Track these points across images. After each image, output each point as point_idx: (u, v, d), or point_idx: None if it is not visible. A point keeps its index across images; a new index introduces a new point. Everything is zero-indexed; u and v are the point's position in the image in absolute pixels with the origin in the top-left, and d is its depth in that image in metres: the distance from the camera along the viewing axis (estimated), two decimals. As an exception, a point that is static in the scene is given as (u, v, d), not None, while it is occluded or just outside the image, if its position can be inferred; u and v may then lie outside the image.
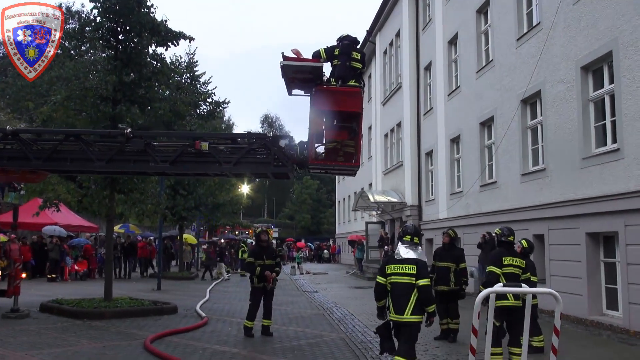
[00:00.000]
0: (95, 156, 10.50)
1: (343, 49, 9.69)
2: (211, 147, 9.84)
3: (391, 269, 7.25)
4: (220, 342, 10.78)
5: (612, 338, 11.06)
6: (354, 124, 9.72)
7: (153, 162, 10.19)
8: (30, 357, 8.95)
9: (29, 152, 10.52)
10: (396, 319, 7.07)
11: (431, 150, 24.89)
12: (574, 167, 13.53)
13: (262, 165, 9.97)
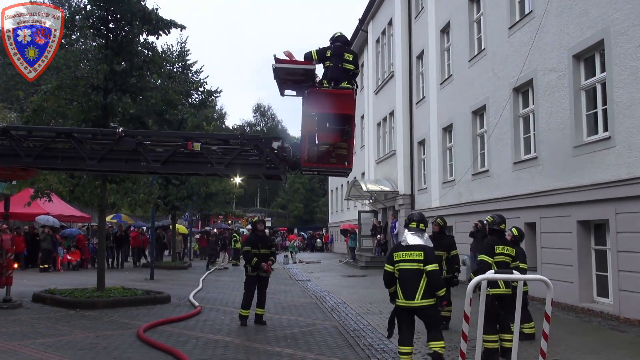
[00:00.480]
0: (87, 155, 10.44)
1: (335, 50, 9.64)
2: (203, 148, 9.80)
3: (399, 256, 7.42)
4: (214, 330, 10.81)
5: (603, 325, 11.16)
6: (346, 126, 9.68)
7: (145, 161, 10.14)
8: (23, 347, 8.95)
9: (19, 149, 10.45)
10: (406, 305, 7.25)
11: (423, 139, 24.92)
12: (565, 156, 13.59)
13: (254, 166, 9.95)
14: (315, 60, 9.64)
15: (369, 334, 10.39)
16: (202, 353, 8.81)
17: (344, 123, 9.61)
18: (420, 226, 7.64)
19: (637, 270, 11.10)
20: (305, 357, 8.62)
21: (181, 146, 9.96)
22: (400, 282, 7.35)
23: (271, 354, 8.87)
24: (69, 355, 8.45)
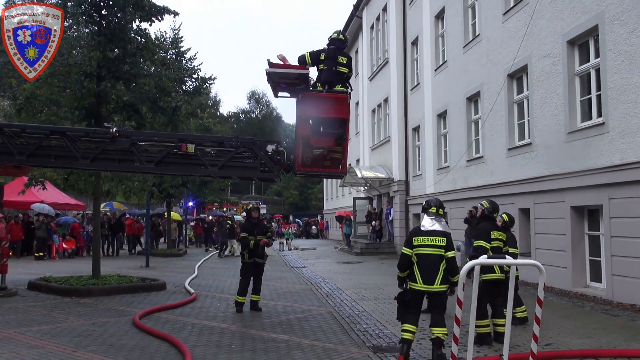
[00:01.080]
0: (80, 154, 10.38)
1: (329, 53, 9.58)
2: (197, 149, 9.76)
3: (419, 241, 7.49)
4: (209, 317, 10.85)
5: (595, 309, 11.26)
6: (340, 130, 9.66)
7: (138, 162, 10.10)
8: (19, 334, 8.97)
9: (12, 146, 10.40)
10: (425, 289, 7.37)
11: (418, 126, 24.92)
12: (559, 141, 13.62)
13: (248, 169, 9.92)
14: (309, 64, 9.60)
15: (364, 320, 10.45)
16: (198, 339, 8.85)
17: (338, 127, 9.57)
18: (440, 211, 7.75)
19: (630, 255, 11.19)
20: (300, 343, 8.67)
21: (175, 147, 9.91)
22: (420, 266, 7.42)
23: (267, 340, 8.91)
24: (65, 342, 8.47)
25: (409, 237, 7.65)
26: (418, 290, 7.44)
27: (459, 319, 3.06)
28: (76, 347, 8.16)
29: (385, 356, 7.83)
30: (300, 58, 9.75)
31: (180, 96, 16.33)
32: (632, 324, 9.76)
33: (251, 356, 7.83)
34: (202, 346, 8.37)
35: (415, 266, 7.46)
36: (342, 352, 8.13)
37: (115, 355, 7.77)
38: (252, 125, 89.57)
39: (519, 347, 8.01)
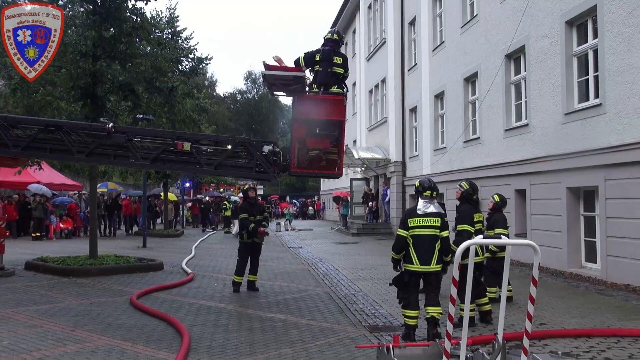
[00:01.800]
0: (76, 148, 10.34)
1: (324, 55, 9.54)
2: (193, 148, 9.74)
3: (415, 222, 7.58)
4: (207, 297, 10.91)
5: (590, 289, 11.35)
6: (336, 132, 9.65)
7: (133, 158, 10.08)
8: (17, 314, 9.01)
9: (7, 138, 10.36)
10: (422, 270, 7.50)
11: (415, 107, 24.87)
12: (556, 123, 13.62)
13: (244, 169, 9.89)
14: (303, 67, 9.60)
15: (360, 300, 10.52)
16: (195, 319, 8.91)
17: (334, 129, 9.58)
18: (433, 194, 7.82)
19: (625, 236, 11.24)
20: (297, 322, 8.74)
21: (171, 145, 9.88)
22: (416, 247, 7.52)
23: (264, 319, 8.98)
24: (63, 321, 8.52)
25: (404, 218, 7.71)
26: (415, 271, 7.53)
27: (455, 299, 3.09)
28: (74, 327, 8.21)
29: (381, 335, 7.90)
30: (296, 61, 9.79)
31: (177, 76, 16.25)
32: (625, 304, 9.84)
33: (248, 335, 7.89)
34: (199, 325, 8.43)
35: (411, 247, 7.54)
36: (339, 331, 8.20)
37: (113, 334, 7.82)
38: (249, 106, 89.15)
39: (513, 326, 8.10)
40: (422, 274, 7.56)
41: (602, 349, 7.03)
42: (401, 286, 7.72)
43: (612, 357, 6.67)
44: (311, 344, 7.49)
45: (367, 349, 6.95)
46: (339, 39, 9.85)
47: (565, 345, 7.16)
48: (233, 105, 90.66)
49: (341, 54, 9.74)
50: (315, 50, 9.79)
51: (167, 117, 17.05)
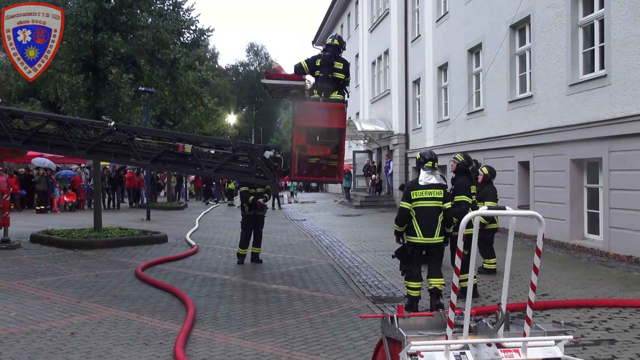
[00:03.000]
0: (77, 144, 10.32)
1: (324, 60, 9.50)
2: (194, 150, 9.69)
3: (418, 194, 7.58)
4: (211, 269, 10.99)
5: (592, 260, 11.40)
6: (337, 139, 9.62)
7: (134, 157, 10.05)
8: (23, 285, 9.10)
9: (8, 131, 10.34)
10: (426, 242, 7.54)
11: (418, 78, 24.71)
12: (560, 94, 13.54)
13: (244, 174, 9.85)
14: (305, 71, 9.55)
15: (363, 271, 10.60)
16: (200, 290, 8.99)
17: (334, 136, 9.56)
18: (435, 165, 7.84)
19: (628, 208, 11.26)
20: (301, 293, 8.81)
21: (172, 146, 9.84)
22: (419, 219, 7.54)
23: (268, 290, 9.06)
24: (69, 293, 8.60)
25: (407, 191, 7.69)
26: (418, 243, 7.56)
27: (458, 269, 3.11)
28: (80, 298, 8.29)
29: (384, 306, 7.97)
30: (296, 66, 9.78)
31: (179, 48, 16.12)
32: (627, 275, 9.89)
33: (252, 306, 7.96)
34: (204, 297, 8.51)
35: (415, 220, 7.56)
36: (342, 302, 8.27)
37: (119, 305, 7.90)
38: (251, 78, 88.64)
39: (515, 297, 8.16)
40: (425, 245, 7.59)
41: (604, 319, 7.09)
42: (404, 258, 7.76)
43: (613, 327, 6.73)
44: (315, 314, 7.57)
45: (371, 320, 7.03)
46: (339, 44, 9.79)
47: (567, 315, 7.23)
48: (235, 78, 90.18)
49: (342, 59, 9.70)
50: (317, 56, 9.84)
51: (170, 89, 16.98)
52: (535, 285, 3.25)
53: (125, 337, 6.42)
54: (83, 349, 5.97)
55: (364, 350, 5.96)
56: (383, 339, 3.48)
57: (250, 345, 6.15)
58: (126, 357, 5.73)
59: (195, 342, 6.26)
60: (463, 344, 3.14)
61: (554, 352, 3.22)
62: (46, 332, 6.58)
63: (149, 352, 5.90)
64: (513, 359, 3.17)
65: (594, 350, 5.83)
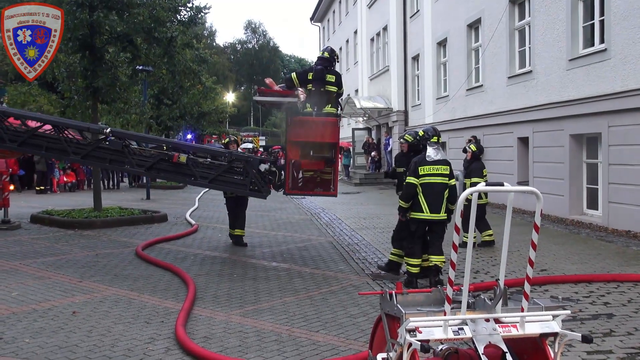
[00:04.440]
0: (72, 149, 10.23)
1: (316, 74, 9.40)
2: (189, 160, 9.60)
3: (425, 170, 7.57)
4: (211, 247, 11.03)
5: (591, 236, 11.44)
6: (330, 153, 9.56)
7: (129, 164, 9.97)
8: (24, 266, 9.14)
9: (4, 132, 10.27)
10: (432, 218, 7.55)
11: (417, 55, 24.56)
12: (560, 69, 13.46)
13: (238, 186, 9.73)
14: (297, 84, 9.46)
15: (363, 249, 10.63)
16: (200, 269, 9.03)
17: (328, 151, 9.50)
18: (440, 140, 7.87)
19: (627, 183, 11.27)
20: (301, 271, 8.85)
21: (167, 156, 9.76)
22: (426, 195, 7.53)
23: (268, 268, 9.10)
24: (70, 273, 8.64)
25: (414, 167, 7.64)
26: (423, 220, 7.57)
27: (457, 245, 3.12)
28: (81, 278, 8.33)
29: (383, 283, 8.01)
30: (287, 78, 9.74)
31: (175, 26, 15.98)
32: (626, 250, 9.94)
33: (253, 284, 8.00)
34: (204, 275, 8.55)
35: (421, 196, 7.55)
36: (342, 279, 8.31)
37: (120, 284, 7.94)
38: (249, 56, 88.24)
39: (514, 273, 8.20)
40: (430, 222, 7.59)
41: (602, 293, 7.14)
42: (406, 235, 7.77)
43: (611, 301, 6.77)
44: (315, 292, 7.61)
45: (370, 296, 7.07)
46: (331, 57, 9.69)
47: (566, 290, 7.27)
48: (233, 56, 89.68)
49: (334, 72, 9.60)
50: (308, 69, 9.79)
51: (167, 68, 16.88)
52: (533, 261, 3.26)
53: (127, 315, 6.46)
54: (85, 327, 6.01)
55: (364, 327, 6.01)
56: (382, 316, 3.50)
57: (251, 323, 6.20)
58: (128, 335, 5.77)
59: (196, 320, 6.30)
60: (461, 320, 3.15)
61: (551, 327, 3.24)
62: (48, 311, 6.62)
63: (150, 330, 5.94)
64: (511, 334, 3.19)
65: (591, 325, 5.88)
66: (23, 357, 5.17)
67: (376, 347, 3.68)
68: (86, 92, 14.24)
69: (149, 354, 5.26)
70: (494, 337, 3.13)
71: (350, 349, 5.39)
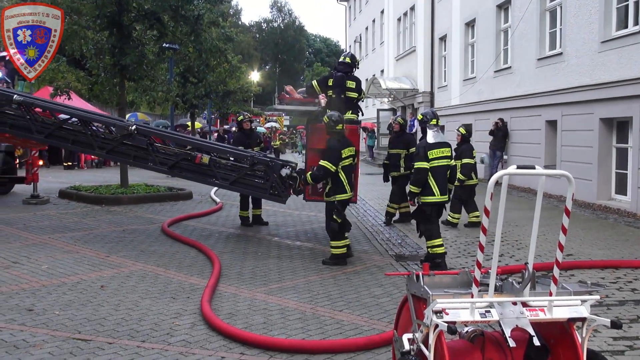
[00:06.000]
0: (97, 144, 10.32)
1: (337, 81, 9.32)
2: (211, 161, 9.59)
3: (434, 154, 7.63)
4: (235, 226, 11.12)
5: (619, 221, 11.27)
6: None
7: (152, 162, 10.01)
8: (53, 240, 9.31)
9: (32, 124, 10.38)
10: (442, 200, 7.69)
11: (445, 35, 24.24)
12: (591, 51, 13.19)
13: (258, 189, 9.73)
14: (318, 91, 9.45)
15: (387, 229, 10.65)
16: (225, 246, 9.12)
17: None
18: (439, 123, 7.93)
19: (657, 168, 11.06)
20: (324, 250, 8.88)
21: (190, 156, 9.77)
22: (436, 178, 7.59)
23: (292, 247, 9.15)
24: (98, 247, 8.79)
25: (423, 151, 7.66)
26: (436, 202, 7.66)
27: (486, 228, 3.10)
28: (109, 253, 8.47)
29: (407, 264, 8.02)
30: (308, 87, 9.75)
31: (202, 4, 15.95)
32: (655, 236, 9.79)
33: (277, 262, 8.06)
34: (229, 253, 8.63)
35: (432, 179, 7.60)
36: (366, 260, 8.33)
37: (147, 260, 8.06)
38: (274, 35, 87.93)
39: (540, 257, 8.14)
40: (440, 204, 7.71)
41: (629, 279, 7.06)
42: (423, 219, 7.76)
43: (639, 288, 6.69)
44: (339, 271, 7.64)
45: (394, 277, 7.08)
46: (351, 62, 9.59)
47: (592, 276, 7.20)
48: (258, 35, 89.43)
49: (354, 78, 9.52)
50: (328, 75, 9.73)
51: (194, 46, 16.88)
52: (563, 245, 3.23)
53: (153, 291, 6.56)
54: (112, 301, 6.12)
55: (387, 307, 6.02)
56: (408, 296, 3.50)
57: (275, 301, 6.25)
58: (154, 310, 5.86)
59: (221, 296, 6.37)
60: (488, 303, 3.14)
61: (579, 311, 3.22)
62: (77, 284, 6.75)
63: (176, 305, 6.03)
64: (538, 318, 3.17)
65: (618, 311, 5.82)
66: (53, 329, 5.29)
67: (401, 328, 3.70)
68: (114, 70, 14.34)
69: (175, 328, 5.35)
70: (521, 320, 3.12)
71: (374, 328, 5.42)
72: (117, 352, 4.78)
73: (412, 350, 3.29)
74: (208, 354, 4.76)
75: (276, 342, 4.95)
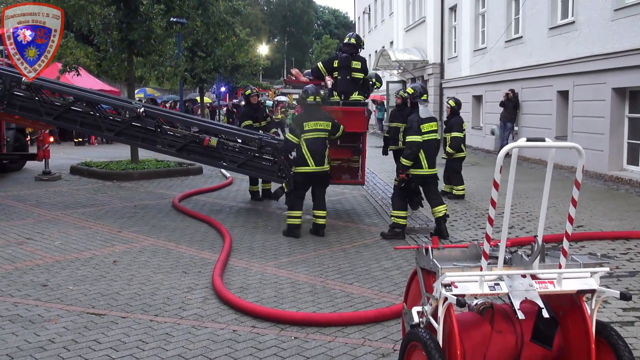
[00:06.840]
0: (106, 125, 10.45)
1: (342, 62, 9.21)
2: (219, 144, 9.56)
3: (427, 128, 7.77)
4: (245, 200, 11.16)
5: (630, 192, 11.20)
6: (358, 142, 9.42)
7: (161, 144, 10.03)
8: (66, 215, 9.39)
9: (41, 106, 10.51)
10: (430, 173, 7.84)
11: (455, 5, 23.89)
12: (604, 20, 12.98)
13: (266, 172, 9.75)
14: (324, 73, 9.34)
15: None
16: (235, 220, 9.17)
17: (355, 140, 9.35)
18: (427, 98, 8.22)
19: (670, 138, 10.95)
20: (335, 224, 8.91)
21: (198, 139, 9.74)
22: (426, 152, 7.73)
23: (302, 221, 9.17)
24: (110, 223, 8.86)
25: (417, 125, 7.72)
26: (424, 175, 7.81)
27: (495, 201, 3.09)
28: (120, 228, 8.54)
29: (417, 237, 8.03)
30: (314, 69, 9.69)
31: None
32: (667, 207, 9.73)
33: (287, 237, 8.10)
34: (239, 227, 8.68)
35: (422, 152, 7.70)
36: (375, 233, 8.35)
37: (158, 235, 8.13)
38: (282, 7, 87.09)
39: (550, 228, 8.12)
40: (428, 176, 7.83)
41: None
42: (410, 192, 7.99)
43: (650, 259, 6.67)
44: (348, 245, 7.67)
45: (404, 250, 7.10)
46: (357, 43, 9.46)
47: (603, 247, 7.18)
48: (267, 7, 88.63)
49: (359, 57, 9.40)
50: (333, 57, 9.65)
51: (201, 20, 16.79)
52: (573, 218, 3.22)
53: (165, 265, 6.63)
54: (125, 276, 6.19)
55: (397, 280, 6.06)
56: (417, 270, 3.52)
57: (286, 274, 6.30)
58: (166, 284, 5.93)
59: (232, 270, 6.43)
60: (497, 275, 3.15)
61: (589, 284, 3.22)
62: (90, 260, 6.83)
63: (188, 279, 6.09)
64: (547, 290, 3.18)
65: (628, 282, 5.81)
66: (68, 303, 5.37)
67: (411, 301, 3.72)
68: (122, 45, 14.29)
69: (187, 302, 5.41)
70: (530, 292, 3.12)
71: (384, 301, 5.46)
72: (130, 325, 4.85)
73: (422, 323, 3.31)
74: (220, 328, 4.82)
75: (287, 315, 5.00)
